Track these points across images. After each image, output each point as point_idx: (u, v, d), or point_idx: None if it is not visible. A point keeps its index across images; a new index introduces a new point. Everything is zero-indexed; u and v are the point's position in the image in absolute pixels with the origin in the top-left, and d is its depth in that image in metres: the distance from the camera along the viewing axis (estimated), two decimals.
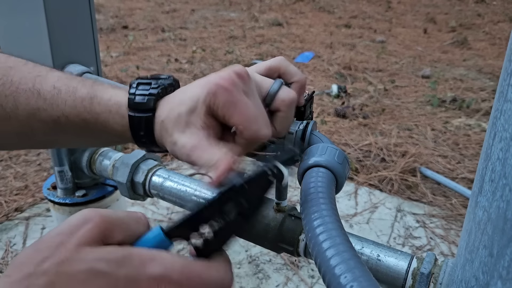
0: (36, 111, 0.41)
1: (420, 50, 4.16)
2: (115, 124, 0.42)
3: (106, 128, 0.42)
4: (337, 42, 4.36)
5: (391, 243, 1.57)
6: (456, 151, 2.22)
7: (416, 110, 2.73)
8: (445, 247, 1.56)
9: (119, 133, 0.42)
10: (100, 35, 4.53)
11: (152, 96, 0.41)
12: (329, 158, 0.38)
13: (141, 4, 6.36)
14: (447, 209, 1.77)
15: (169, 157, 2.15)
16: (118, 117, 0.41)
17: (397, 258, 0.48)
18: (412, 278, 0.46)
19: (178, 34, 4.66)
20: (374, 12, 5.92)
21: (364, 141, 2.29)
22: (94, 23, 0.79)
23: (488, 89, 3.05)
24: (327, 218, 0.31)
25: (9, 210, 1.68)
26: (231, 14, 5.88)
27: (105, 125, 0.42)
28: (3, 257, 1.46)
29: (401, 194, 1.87)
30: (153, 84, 0.42)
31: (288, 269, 1.44)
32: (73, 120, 0.41)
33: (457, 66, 3.64)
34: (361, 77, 3.33)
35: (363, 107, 2.75)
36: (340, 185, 0.38)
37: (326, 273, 0.27)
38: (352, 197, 1.85)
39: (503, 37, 4.55)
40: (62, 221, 0.96)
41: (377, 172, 2.01)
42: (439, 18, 5.50)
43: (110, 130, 0.42)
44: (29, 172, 1.95)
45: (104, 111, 0.41)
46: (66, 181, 0.84)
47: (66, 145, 0.46)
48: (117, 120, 0.41)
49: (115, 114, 0.41)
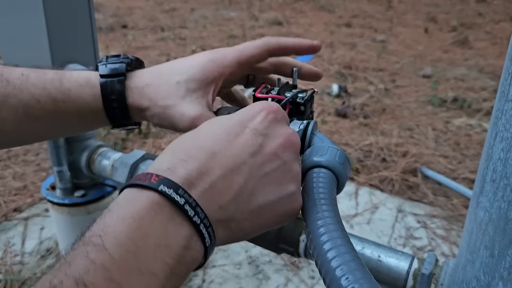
0: (5, 98, 0.40)
1: (421, 49, 4.15)
2: (87, 97, 0.42)
3: (77, 103, 0.42)
4: (338, 41, 4.35)
5: (392, 244, 1.57)
6: (457, 151, 2.21)
7: (417, 110, 2.73)
8: (446, 247, 1.55)
9: (91, 108, 0.42)
10: (99, 34, 4.52)
11: (123, 63, 0.43)
12: (330, 158, 0.38)
13: (141, 3, 6.36)
14: (448, 209, 1.77)
15: None
16: (88, 88, 0.42)
17: (398, 259, 0.48)
18: (413, 279, 0.46)
19: (177, 33, 4.66)
20: (374, 11, 5.92)
21: (365, 141, 2.29)
22: (93, 22, 0.79)
23: (489, 89, 3.05)
24: (328, 219, 0.31)
25: (8, 210, 1.68)
26: (230, 13, 5.88)
27: (75, 100, 0.42)
28: (2, 257, 1.45)
29: (402, 195, 1.87)
30: (122, 57, 0.44)
31: (288, 270, 1.43)
32: (43, 102, 0.41)
33: (458, 66, 3.64)
34: (361, 77, 3.33)
35: (363, 107, 2.74)
36: (341, 185, 0.38)
37: (327, 275, 0.27)
38: (353, 197, 1.85)
39: (504, 36, 4.55)
40: (61, 221, 0.95)
41: (378, 172, 2.01)
42: (440, 17, 5.50)
43: (82, 105, 0.42)
44: (28, 172, 1.95)
45: (74, 85, 0.42)
46: (65, 181, 0.84)
47: (39, 136, 0.45)
48: (88, 91, 0.42)
49: (85, 87, 0.42)
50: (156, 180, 0.28)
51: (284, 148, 0.34)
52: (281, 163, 0.33)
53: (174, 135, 2.12)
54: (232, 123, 0.34)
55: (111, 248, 0.25)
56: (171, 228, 0.27)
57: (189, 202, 0.28)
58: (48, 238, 1.55)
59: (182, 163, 0.30)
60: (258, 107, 0.36)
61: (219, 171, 0.30)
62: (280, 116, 0.36)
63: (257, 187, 0.32)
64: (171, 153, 0.32)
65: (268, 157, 0.33)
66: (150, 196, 0.28)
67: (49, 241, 1.54)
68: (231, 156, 0.31)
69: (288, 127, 0.36)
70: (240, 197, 0.31)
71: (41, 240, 1.54)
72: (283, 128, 0.36)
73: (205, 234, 0.29)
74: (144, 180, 0.28)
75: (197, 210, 0.28)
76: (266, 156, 0.33)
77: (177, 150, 0.32)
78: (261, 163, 0.32)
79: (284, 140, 0.34)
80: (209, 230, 0.29)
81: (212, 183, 0.30)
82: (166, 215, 0.27)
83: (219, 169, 0.30)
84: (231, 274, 1.40)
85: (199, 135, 0.33)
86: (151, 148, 2.20)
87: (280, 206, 0.33)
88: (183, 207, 0.28)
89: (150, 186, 0.28)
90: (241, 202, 0.31)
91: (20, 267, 1.41)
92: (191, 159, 0.30)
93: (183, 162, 0.30)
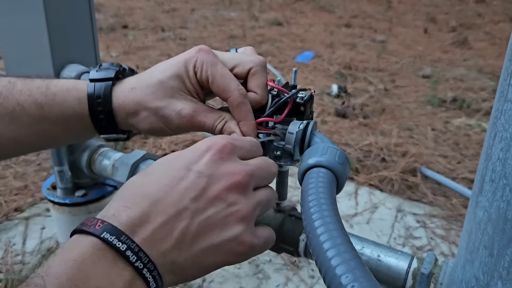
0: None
1: (420, 50, 4.15)
2: (73, 100, 0.41)
3: (62, 107, 0.41)
4: (338, 41, 4.36)
5: (391, 243, 1.57)
6: (457, 151, 2.21)
7: (417, 110, 2.73)
8: (445, 247, 1.56)
9: (76, 112, 0.42)
10: (100, 34, 4.52)
11: (114, 70, 0.43)
12: (330, 158, 0.38)
13: (141, 3, 6.36)
14: (448, 209, 1.77)
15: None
16: (75, 92, 0.42)
17: (398, 258, 0.48)
18: (412, 278, 0.46)
19: (178, 34, 4.65)
20: (374, 11, 5.92)
21: (365, 141, 2.29)
22: (94, 22, 0.79)
23: (488, 89, 3.05)
24: (328, 219, 0.31)
25: (8, 210, 1.68)
26: (231, 13, 5.88)
27: (61, 104, 0.41)
28: (3, 257, 1.45)
29: (402, 194, 1.87)
30: (114, 65, 0.45)
31: (288, 269, 1.44)
32: (28, 107, 0.41)
33: (457, 66, 3.64)
34: (361, 77, 3.33)
35: (363, 107, 2.74)
36: (341, 185, 0.38)
37: (327, 274, 0.27)
38: (352, 197, 1.85)
39: (504, 37, 4.55)
40: (62, 221, 0.95)
41: (378, 172, 2.01)
42: (440, 18, 5.50)
43: (67, 109, 0.41)
44: (29, 172, 1.95)
45: (60, 90, 0.42)
46: (66, 181, 0.84)
47: (24, 147, 0.44)
48: (74, 94, 0.42)
49: (72, 90, 0.42)
50: (100, 227, 0.29)
51: (229, 189, 0.33)
52: (225, 205, 0.33)
53: (176, 135, 2.12)
54: (178, 166, 0.33)
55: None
56: (114, 272, 0.28)
57: (131, 247, 0.29)
58: (49, 238, 1.55)
59: (126, 210, 0.31)
60: (205, 145, 0.35)
61: (161, 218, 0.31)
62: (226, 154, 0.35)
63: (199, 232, 0.32)
64: (119, 199, 0.32)
65: (210, 200, 0.32)
66: (94, 242, 0.28)
67: (49, 240, 1.54)
68: (172, 202, 0.31)
69: (236, 165, 0.35)
70: (182, 243, 0.31)
71: (42, 240, 1.54)
72: (230, 167, 0.34)
73: (149, 278, 0.29)
74: (89, 226, 0.29)
75: (140, 255, 0.29)
76: (208, 199, 0.32)
77: (124, 196, 0.32)
78: (203, 207, 0.32)
79: (229, 182, 0.33)
80: (153, 274, 0.29)
81: (153, 230, 0.30)
82: (109, 260, 0.28)
83: (160, 216, 0.31)
84: (231, 273, 1.40)
85: (145, 180, 0.33)
86: (152, 148, 2.21)
87: (225, 248, 0.33)
88: (124, 253, 0.28)
89: (93, 233, 0.28)
90: (183, 248, 0.31)
91: (21, 267, 1.42)
92: (134, 206, 0.31)
93: (127, 208, 0.31)
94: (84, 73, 0.74)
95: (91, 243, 0.28)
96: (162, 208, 0.31)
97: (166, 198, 0.32)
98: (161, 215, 0.31)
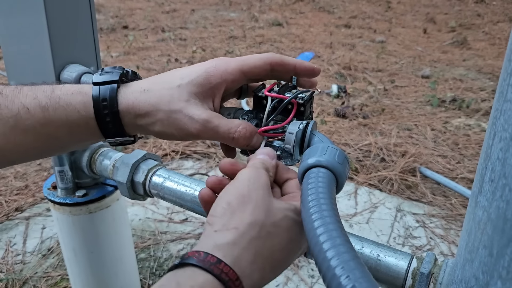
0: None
1: (419, 50, 4.16)
2: (78, 104, 0.41)
3: (67, 111, 0.41)
4: (337, 42, 4.36)
5: (391, 243, 1.57)
6: (456, 151, 2.22)
7: (416, 110, 2.73)
8: (445, 247, 1.56)
9: (81, 116, 0.42)
10: (100, 35, 4.52)
11: (118, 72, 0.43)
12: (330, 158, 0.38)
13: (141, 4, 6.36)
14: (447, 209, 1.77)
15: (169, 157, 2.15)
16: (80, 96, 0.42)
17: (397, 258, 0.48)
18: (412, 278, 0.46)
19: (178, 34, 4.66)
20: (373, 12, 5.92)
21: (364, 141, 2.29)
22: (94, 23, 0.79)
23: (487, 89, 3.05)
24: (327, 219, 0.31)
25: (9, 210, 1.68)
26: (231, 14, 5.88)
27: (66, 108, 0.41)
28: (3, 256, 1.46)
29: (401, 194, 1.88)
30: (118, 68, 0.45)
31: (288, 269, 1.44)
32: (33, 110, 0.41)
33: (456, 66, 3.64)
34: (361, 77, 3.33)
35: (363, 107, 2.75)
36: (341, 185, 0.38)
37: (327, 274, 0.28)
38: (352, 197, 1.85)
39: (503, 37, 4.55)
40: (62, 221, 0.95)
41: (377, 172, 2.01)
42: (439, 18, 5.50)
43: (72, 113, 0.41)
44: (30, 171, 1.95)
45: (65, 93, 0.42)
46: (66, 181, 0.84)
47: (28, 153, 0.43)
48: (79, 98, 0.42)
49: (77, 94, 0.42)
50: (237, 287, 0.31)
51: None
52: None
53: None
54: (296, 238, 0.37)
55: None
56: None
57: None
58: (49, 238, 1.55)
59: (258, 271, 0.34)
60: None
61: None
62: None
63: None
64: (251, 251, 0.34)
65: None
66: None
67: (50, 240, 1.54)
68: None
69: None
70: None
71: (42, 240, 1.54)
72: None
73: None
74: (232, 282, 0.31)
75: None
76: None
77: (256, 252, 0.34)
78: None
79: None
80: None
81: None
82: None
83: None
84: None
85: (274, 244, 0.36)
86: (152, 148, 2.21)
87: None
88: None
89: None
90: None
91: (21, 267, 1.42)
92: (261, 272, 0.34)
93: (259, 270, 0.34)
94: (85, 73, 0.74)
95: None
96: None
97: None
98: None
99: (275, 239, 0.35)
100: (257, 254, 0.33)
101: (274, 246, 0.35)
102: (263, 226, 0.35)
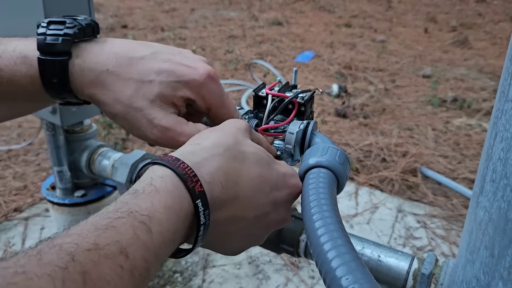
0: None
1: (420, 49, 4.15)
2: (23, 78, 0.36)
3: (12, 86, 0.36)
4: (338, 41, 4.35)
5: (391, 244, 1.57)
6: (457, 151, 2.21)
7: (417, 110, 2.73)
8: (446, 247, 1.55)
9: (28, 90, 0.37)
10: (100, 34, 4.51)
11: (68, 37, 0.35)
12: (330, 158, 0.38)
13: (141, 3, 6.36)
14: (448, 209, 1.77)
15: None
16: (24, 68, 0.36)
17: (398, 259, 0.48)
18: (413, 279, 0.46)
19: (177, 34, 4.65)
20: (374, 11, 5.92)
21: (365, 141, 2.29)
22: None
23: (489, 89, 3.05)
24: (328, 219, 0.31)
25: (8, 210, 1.68)
26: (231, 13, 5.88)
27: (11, 83, 0.36)
28: (2, 257, 1.45)
29: (402, 194, 1.87)
30: (68, 23, 0.36)
31: (288, 269, 1.43)
32: None
33: (458, 66, 3.64)
34: (361, 77, 3.33)
35: (363, 107, 2.74)
36: (341, 185, 0.38)
37: (327, 275, 0.27)
38: (353, 197, 1.85)
39: (504, 36, 4.54)
40: (61, 221, 0.95)
41: (378, 172, 2.01)
42: (440, 17, 5.49)
43: (18, 88, 0.36)
44: (28, 172, 1.95)
45: (8, 64, 0.36)
46: (65, 181, 0.84)
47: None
48: (24, 70, 0.36)
49: (21, 65, 0.36)
50: (199, 191, 0.30)
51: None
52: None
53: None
54: (267, 190, 0.36)
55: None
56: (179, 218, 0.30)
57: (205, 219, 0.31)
58: None
59: (220, 187, 0.33)
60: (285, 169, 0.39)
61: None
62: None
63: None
64: (219, 167, 0.33)
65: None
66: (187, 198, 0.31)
67: None
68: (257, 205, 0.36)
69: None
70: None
71: (41, 240, 1.54)
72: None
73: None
74: (192, 183, 0.30)
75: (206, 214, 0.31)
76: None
77: (224, 172, 0.33)
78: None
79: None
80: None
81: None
82: (184, 211, 0.30)
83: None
84: (231, 274, 1.40)
85: (242, 170, 0.35)
86: (152, 148, 2.21)
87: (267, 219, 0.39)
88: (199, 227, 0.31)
89: (192, 194, 0.30)
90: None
91: None
92: (227, 190, 0.33)
93: (222, 188, 0.33)
94: None
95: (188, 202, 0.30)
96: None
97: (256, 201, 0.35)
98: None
99: (242, 165, 0.34)
100: (219, 168, 0.33)
101: (241, 170, 0.34)
102: (228, 149, 0.34)
